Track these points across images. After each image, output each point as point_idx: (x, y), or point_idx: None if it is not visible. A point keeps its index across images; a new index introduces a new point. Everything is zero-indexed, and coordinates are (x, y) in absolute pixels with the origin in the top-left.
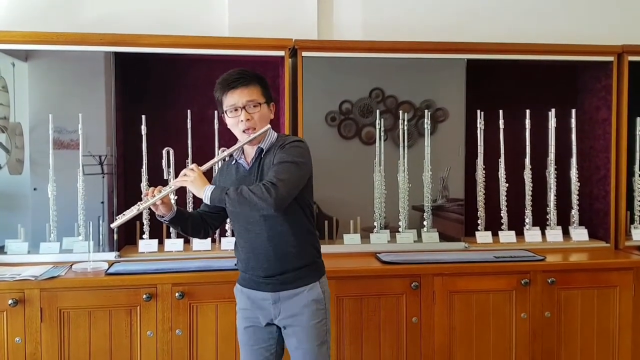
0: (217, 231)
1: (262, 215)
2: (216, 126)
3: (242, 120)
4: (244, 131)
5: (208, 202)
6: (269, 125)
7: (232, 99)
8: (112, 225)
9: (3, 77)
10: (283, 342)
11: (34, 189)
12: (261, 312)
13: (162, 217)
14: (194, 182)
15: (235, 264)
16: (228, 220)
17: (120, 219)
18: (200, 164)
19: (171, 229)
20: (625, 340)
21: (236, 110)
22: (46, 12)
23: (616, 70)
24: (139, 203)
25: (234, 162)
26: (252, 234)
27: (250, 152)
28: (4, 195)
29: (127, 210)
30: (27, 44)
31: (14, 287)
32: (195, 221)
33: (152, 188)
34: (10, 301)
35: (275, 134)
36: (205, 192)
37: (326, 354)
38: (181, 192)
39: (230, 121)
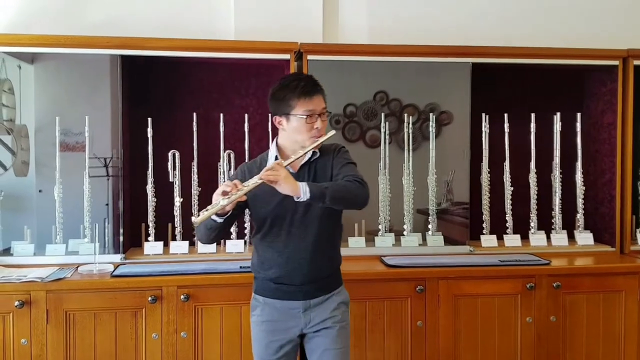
0: None
1: (310, 217)
2: (221, 129)
3: (317, 128)
4: (312, 137)
5: (306, 198)
6: (334, 131)
7: (312, 105)
8: (193, 220)
9: (9, 80)
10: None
11: (39, 191)
12: (292, 322)
13: (223, 216)
14: (286, 178)
15: (254, 273)
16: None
17: (202, 215)
18: (206, 167)
19: (177, 232)
20: (631, 345)
21: (312, 116)
22: (53, 15)
23: (621, 74)
24: (222, 198)
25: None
26: (294, 238)
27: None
28: (9, 197)
29: (210, 206)
30: (34, 46)
31: (21, 288)
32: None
33: (231, 182)
34: (16, 303)
35: None
36: (302, 188)
37: (349, 357)
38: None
39: (300, 125)
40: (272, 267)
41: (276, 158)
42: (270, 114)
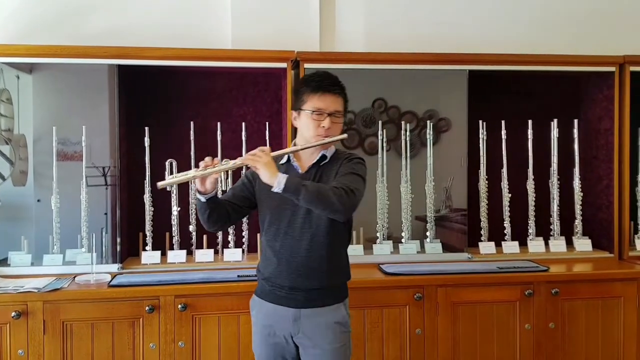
0: (220, 242)
1: (309, 221)
2: (219, 137)
3: (323, 127)
4: (318, 135)
5: (279, 190)
6: (346, 135)
7: (322, 103)
8: (159, 184)
9: (7, 90)
10: None
11: (38, 201)
12: (283, 325)
13: (204, 194)
14: (267, 165)
15: (257, 273)
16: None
17: (167, 179)
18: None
19: (174, 241)
20: (630, 350)
21: (320, 114)
22: (50, 25)
23: (618, 81)
24: (195, 169)
25: (284, 162)
26: (290, 239)
27: (306, 157)
28: (7, 206)
29: (180, 173)
30: (32, 57)
31: (17, 299)
32: (221, 210)
33: (210, 158)
34: (13, 313)
35: (334, 147)
36: (279, 179)
37: None
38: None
39: (308, 121)
40: (268, 266)
41: (288, 158)
42: (267, 123)
